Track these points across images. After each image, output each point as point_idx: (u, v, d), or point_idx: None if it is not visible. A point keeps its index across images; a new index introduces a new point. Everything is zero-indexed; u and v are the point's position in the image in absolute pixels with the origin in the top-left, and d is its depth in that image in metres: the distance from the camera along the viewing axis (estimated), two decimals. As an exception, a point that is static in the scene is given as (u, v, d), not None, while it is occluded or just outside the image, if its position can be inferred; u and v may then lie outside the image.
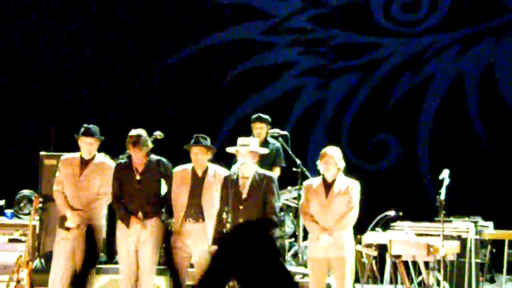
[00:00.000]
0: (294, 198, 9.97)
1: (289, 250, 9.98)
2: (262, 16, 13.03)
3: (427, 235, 8.94)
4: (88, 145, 8.39)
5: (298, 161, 9.96)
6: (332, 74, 12.91)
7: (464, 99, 12.60)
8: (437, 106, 12.67)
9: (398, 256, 8.58)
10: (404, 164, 12.41)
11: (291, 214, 10.14)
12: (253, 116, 10.43)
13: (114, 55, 12.94)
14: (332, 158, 8.06)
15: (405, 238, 8.68)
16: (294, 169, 9.99)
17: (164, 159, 8.43)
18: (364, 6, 12.83)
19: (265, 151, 8.55)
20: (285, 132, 10.36)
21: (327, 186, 8.07)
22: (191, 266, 8.31)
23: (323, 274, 7.93)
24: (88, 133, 8.39)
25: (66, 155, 8.58)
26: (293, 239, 10.17)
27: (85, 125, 8.48)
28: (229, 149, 8.30)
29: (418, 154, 12.53)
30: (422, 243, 8.46)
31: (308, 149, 12.43)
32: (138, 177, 8.25)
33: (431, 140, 12.50)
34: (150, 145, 8.36)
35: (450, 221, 9.43)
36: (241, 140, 8.20)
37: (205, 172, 8.35)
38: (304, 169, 9.91)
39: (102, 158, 8.52)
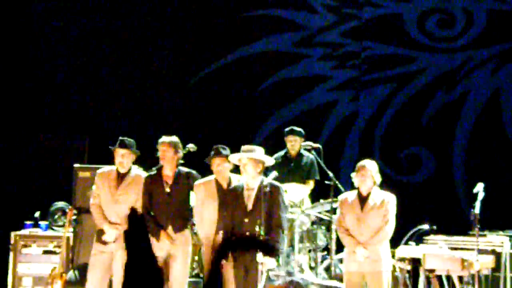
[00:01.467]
0: (327, 211, 9.94)
1: (321, 263, 9.93)
2: (295, 28, 13.05)
3: (461, 249, 8.86)
4: (120, 157, 8.40)
5: (331, 174, 9.94)
6: (365, 85, 12.88)
7: (500, 115, 12.51)
8: (473, 122, 12.59)
9: (432, 270, 8.52)
10: (438, 177, 12.32)
11: (323, 227, 10.10)
12: (286, 129, 10.44)
13: (149, 69, 13.02)
14: (369, 171, 8.03)
15: (439, 252, 8.61)
16: (326, 182, 9.96)
17: (194, 172, 8.44)
18: (398, 20, 12.81)
19: (270, 160, 8.20)
20: (317, 145, 10.35)
21: (362, 199, 8.05)
22: None
23: None
24: (123, 145, 8.42)
25: (102, 169, 8.61)
26: (325, 252, 10.12)
27: (121, 137, 8.51)
28: (232, 156, 8.20)
29: (453, 168, 12.44)
30: (456, 257, 8.39)
31: (341, 162, 12.41)
32: (167, 190, 8.25)
33: (467, 154, 12.41)
34: (181, 153, 8.38)
35: (485, 235, 9.33)
36: (244, 147, 8.07)
37: (229, 183, 8.32)
38: (337, 182, 9.88)
39: (138, 171, 8.55)
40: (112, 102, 12.91)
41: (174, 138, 8.40)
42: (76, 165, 10.27)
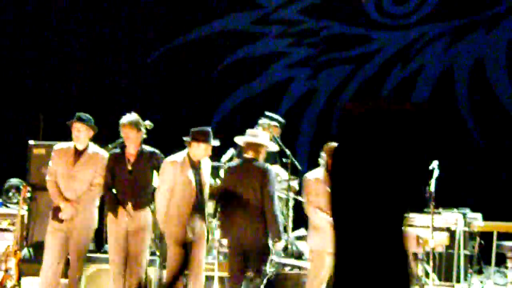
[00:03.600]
0: (284, 189, 9.95)
1: (283, 241, 9.96)
2: (252, 7, 13.02)
3: (416, 226, 8.95)
4: (76, 131, 8.24)
5: (288, 152, 9.95)
6: (323, 65, 12.91)
7: (454, 90, 12.62)
8: (427, 98, 12.68)
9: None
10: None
11: (281, 206, 10.11)
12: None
13: (105, 46, 12.90)
14: None
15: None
16: (284, 160, 9.97)
17: (157, 151, 8.40)
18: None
19: (274, 147, 8.42)
20: (275, 123, 10.33)
21: None
22: None
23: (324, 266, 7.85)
24: (80, 119, 8.29)
25: (59, 144, 8.44)
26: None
27: (78, 112, 8.39)
28: (237, 139, 8.26)
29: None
30: (412, 235, 8.47)
31: (298, 140, 12.45)
32: (129, 168, 8.22)
33: (421, 131, 12.52)
34: (144, 130, 8.33)
35: (439, 213, 9.44)
36: (249, 131, 8.15)
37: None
38: (294, 160, 9.89)
39: (95, 148, 8.43)
40: (67, 78, 12.78)
41: (134, 117, 8.32)
42: (30, 141, 10.12)
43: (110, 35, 12.93)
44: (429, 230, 8.49)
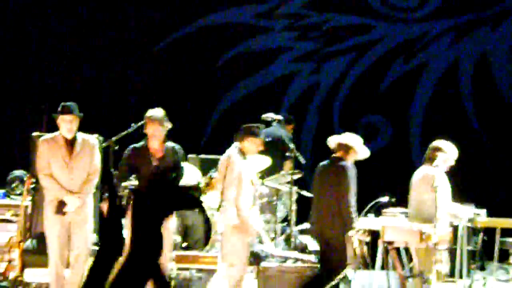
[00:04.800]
0: (287, 183, 9.95)
1: (281, 235, 9.97)
2: (256, 0, 13.00)
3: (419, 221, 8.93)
4: (68, 123, 8.10)
5: (292, 146, 9.94)
6: (326, 57, 12.91)
7: (458, 86, 12.62)
8: (431, 92, 12.69)
9: (391, 243, 8.57)
10: (395, 148, 12.44)
11: (283, 199, 10.12)
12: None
13: (109, 37, 12.88)
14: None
15: (397, 224, 8.68)
16: (287, 153, 9.97)
17: (177, 145, 8.36)
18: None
19: (366, 151, 8.68)
20: (279, 116, 10.33)
21: None
22: None
23: None
24: (67, 111, 8.16)
25: (45, 137, 8.30)
26: (285, 223, 10.15)
27: (63, 103, 8.25)
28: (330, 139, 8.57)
29: (410, 138, 12.55)
30: (415, 230, 8.46)
31: (301, 134, 12.45)
32: (156, 163, 8.18)
33: (424, 126, 12.52)
34: (169, 125, 8.32)
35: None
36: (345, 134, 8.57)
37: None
38: (298, 153, 9.89)
39: (84, 135, 8.31)
40: (71, 69, 12.77)
41: (161, 113, 8.30)
42: (34, 133, 10.10)
43: (111, 28, 12.91)
44: (432, 225, 8.47)
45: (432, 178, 8.40)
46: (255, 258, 8.91)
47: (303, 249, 9.56)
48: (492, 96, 12.42)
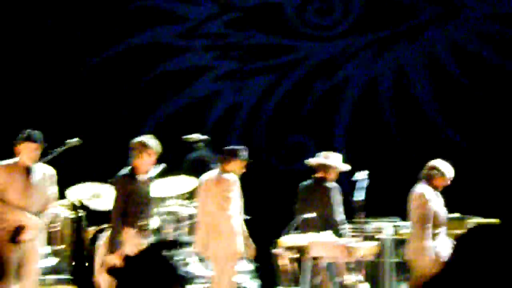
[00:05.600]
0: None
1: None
2: (178, 20, 12.96)
3: (345, 236, 8.99)
4: (32, 151, 7.88)
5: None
6: (247, 76, 12.93)
7: (378, 102, 12.76)
8: (352, 109, 12.80)
9: (317, 258, 8.61)
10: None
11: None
12: None
13: (33, 57, 12.67)
14: None
15: (324, 240, 8.72)
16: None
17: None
18: (278, 9, 12.89)
19: (346, 167, 9.09)
20: (205, 137, 10.29)
21: None
22: None
23: None
24: (33, 139, 7.96)
25: (2, 162, 8.01)
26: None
27: (29, 130, 8.01)
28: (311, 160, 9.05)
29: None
30: (341, 244, 8.51)
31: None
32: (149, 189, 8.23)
33: (348, 142, 12.62)
34: None
35: (369, 222, 9.51)
36: (323, 153, 9.14)
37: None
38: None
39: (42, 165, 8.15)
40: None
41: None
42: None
43: (38, 47, 12.70)
44: (359, 239, 8.55)
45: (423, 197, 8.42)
46: (182, 280, 8.81)
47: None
48: (412, 110, 12.59)
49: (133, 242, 7.90)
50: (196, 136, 10.16)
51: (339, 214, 8.81)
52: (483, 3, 12.63)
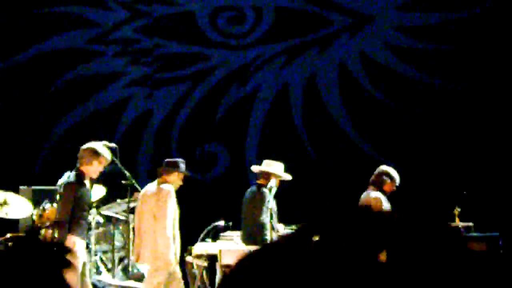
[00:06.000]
0: (124, 211, 9.84)
1: (119, 264, 9.83)
2: (88, 25, 12.82)
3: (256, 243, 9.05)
4: None
5: (128, 174, 9.83)
6: (159, 84, 12.87)
7: (290, 109, 12.87)
8: (264, 117, 12.88)
9: (228, 266, 8.64)
10: (233, 174, 12.53)
11: (121, 227, 9.99)
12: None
13: None
14: None
15: (234, 248, 8.76)
16: (123, 181, 9.84)
17: None
18: (190, 17, 12.89)
19: (288, 177, 9.31)
20: (113, 145, 10.18)
21: None
22: None
23: None
24: None
25: None
26: (122, 253, 10.01)
27: None
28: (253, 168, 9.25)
29: (247, 164, 12.68)
30: (252, 252, 8.56)
31: (136, 162, 12.33)
32: None
33: (259, 149, 12.69)
34: None
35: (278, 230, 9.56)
36: (266, 161, 9.38)
37: None
38: (134, 181, 9.79)
39: None
40: None
41: None
42: None
43: None
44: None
45: (379, 201, 8.52)
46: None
47: (139, 278, 9.45)
48: (321, 117, 12.74)
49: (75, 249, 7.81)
50: (105, 144, 10.03)
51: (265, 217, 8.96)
52: (392, 16, 12.90)
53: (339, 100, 12.82)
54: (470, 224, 9.07)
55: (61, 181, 9.52)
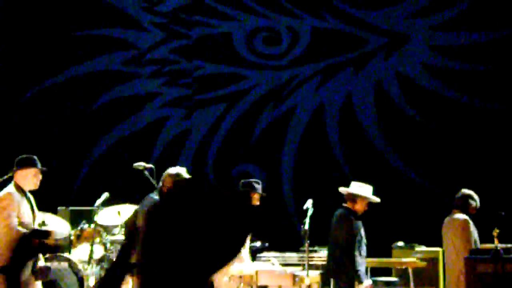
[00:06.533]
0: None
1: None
2: (124, 47, 12.96)
3: (292, 265, 9.05)
4: (37, 176, 7.86)
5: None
6: (196, 105, 12.96)
7: (325, 129, 12.86)
8: (300, 137, 12.89)
9: (265, 287, 8.64)
10: (268, 194, 12.53)
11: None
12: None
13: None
14: None
15: (271, 269, 8.76)
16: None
17: None
18: (226, 38, 12.98)
19: (376, 199, 8.97)
20: (150, 165, 10.24)
21: None
22: None
23: None
24: (36, 164, 7.87)
25: (9, 190, 7.78)
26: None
27: (25, 156, 7.94)
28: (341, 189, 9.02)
29: (283, 184, 12.69)
30: (287, 274, 8.56)
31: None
32: None
33: (295, 170, 12.70)
34: None
35: (315, 251, 9.57)
36: (355, 183, 9.14)
37: None
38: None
39: None
40: None
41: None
42: None
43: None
44: (304, 268, 8.59)
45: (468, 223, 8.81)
46: None
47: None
48: (357, 135, 12.73)
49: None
50: (140, 164, 10.09)
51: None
52: (426, 35, 12.87)
53: (375, 119, 12.80)
54: (510, 245, 9.00)
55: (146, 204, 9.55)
